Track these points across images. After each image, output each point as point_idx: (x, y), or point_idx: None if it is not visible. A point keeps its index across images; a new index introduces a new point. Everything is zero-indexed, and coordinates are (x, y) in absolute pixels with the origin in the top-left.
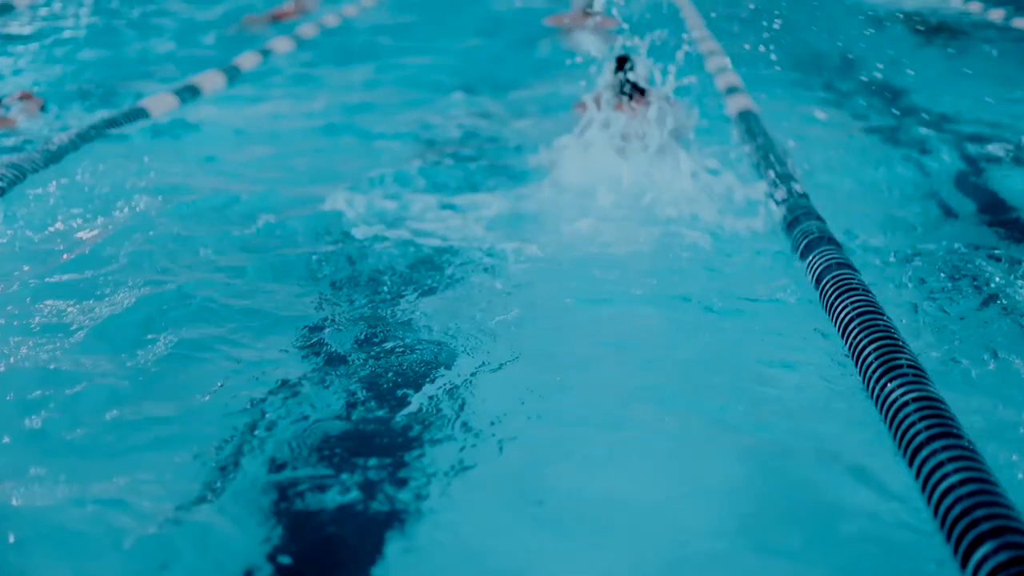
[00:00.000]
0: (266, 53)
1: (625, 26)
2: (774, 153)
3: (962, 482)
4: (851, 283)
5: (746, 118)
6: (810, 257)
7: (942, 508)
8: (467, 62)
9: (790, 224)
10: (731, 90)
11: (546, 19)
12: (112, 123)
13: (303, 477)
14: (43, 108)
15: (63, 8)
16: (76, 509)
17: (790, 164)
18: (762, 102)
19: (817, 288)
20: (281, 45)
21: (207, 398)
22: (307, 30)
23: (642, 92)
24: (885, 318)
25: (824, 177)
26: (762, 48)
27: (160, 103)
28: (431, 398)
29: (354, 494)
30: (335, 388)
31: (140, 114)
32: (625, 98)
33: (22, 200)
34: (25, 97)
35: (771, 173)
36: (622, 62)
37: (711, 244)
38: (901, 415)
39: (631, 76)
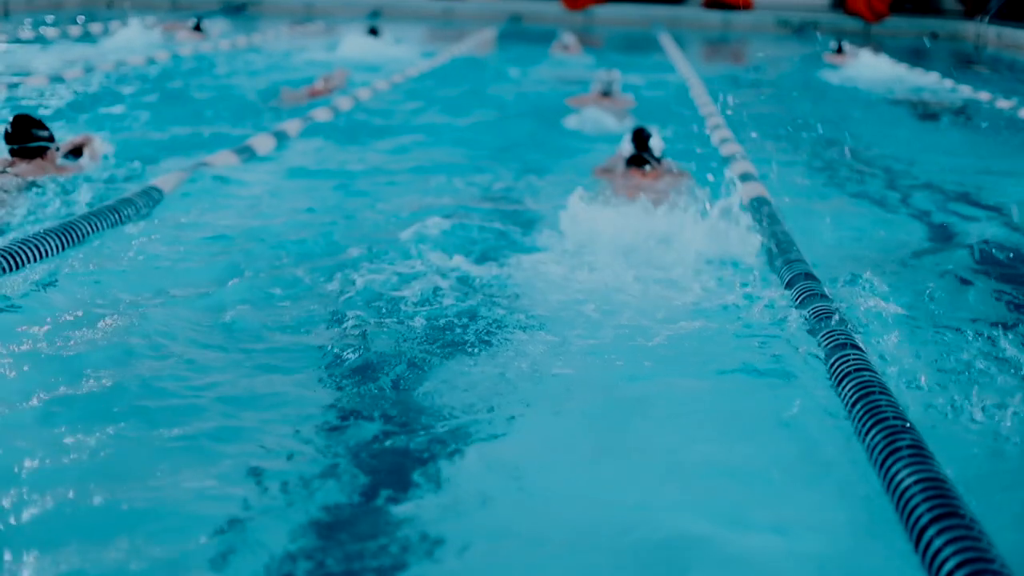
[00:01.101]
0: (310, 121)
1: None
2: (779, 230)
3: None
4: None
5: (757, 204)
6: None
7: None
8: (494, 136)
9: (799, 304)
10: (744, 177)
11: (568, 99)
12: (142, 196)
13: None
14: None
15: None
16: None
17: (795, 243)
18: (770, 182)
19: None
20: (293, 126)
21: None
22: (340, 104)
23: (658, 161)
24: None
25: (833, 259)
26: (772, 132)
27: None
28: (441, 473)
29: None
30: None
31: (205, 168)
32: (640, 166)
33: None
34: (88, 141)
35: (780, 257)
36: (639, 134)
37: (718, 310)
38: (906, 496)
39: (646, 147)
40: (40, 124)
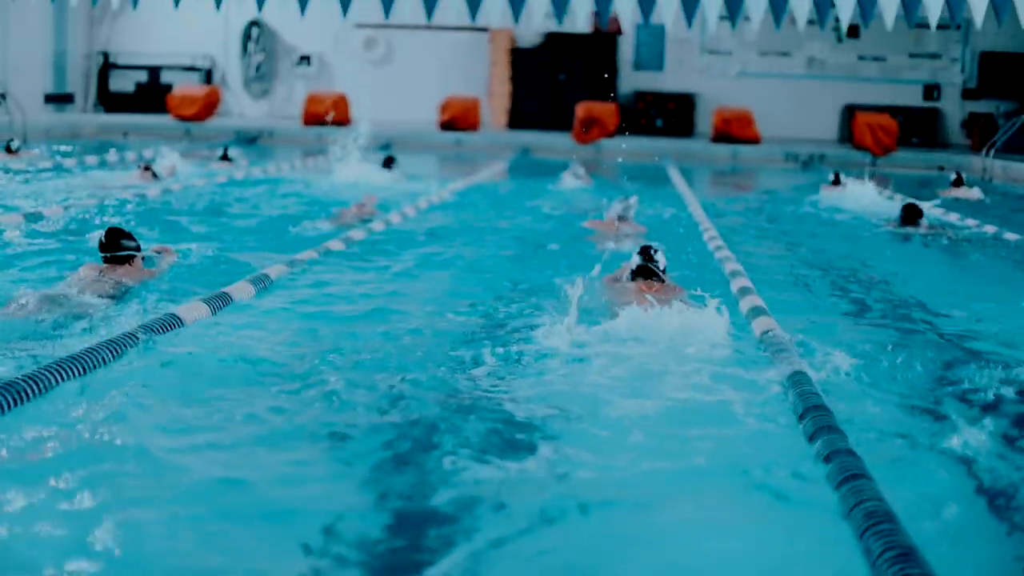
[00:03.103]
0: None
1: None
2: (787, 359)
3: None
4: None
5: (765, 333)
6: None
7: None
8: (513, 257)
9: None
10: (755, 311)
11: (584, 223)
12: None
13: None
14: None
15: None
16: None
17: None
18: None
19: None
20: (335, 245)
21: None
22: (366, 231)
23: (662, 278)
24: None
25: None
26: (777, 261)
27: (242, 290)
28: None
29: None
30: None
31: (224, 299)
32: (646, 277)
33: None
34: (164, 250)
35: (793, 389)
36: (645, 248)
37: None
38: None
39: (652, 264)
40: (129, 235)
